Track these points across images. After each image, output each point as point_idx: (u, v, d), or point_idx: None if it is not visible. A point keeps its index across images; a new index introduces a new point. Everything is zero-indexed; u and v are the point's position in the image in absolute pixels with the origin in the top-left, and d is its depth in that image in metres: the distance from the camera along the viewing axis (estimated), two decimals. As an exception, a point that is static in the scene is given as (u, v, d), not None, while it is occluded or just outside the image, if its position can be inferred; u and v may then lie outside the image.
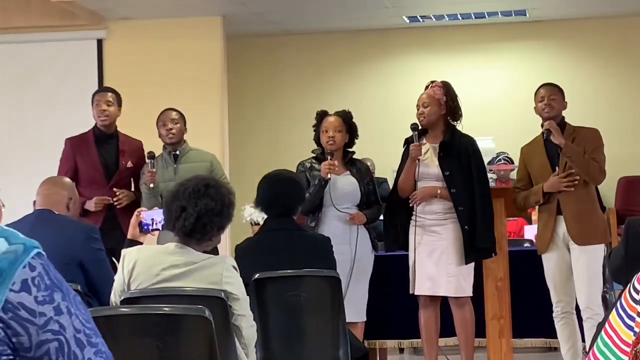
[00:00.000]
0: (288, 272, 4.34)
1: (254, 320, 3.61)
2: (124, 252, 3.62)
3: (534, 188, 5.52)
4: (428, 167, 5.45)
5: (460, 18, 9.65)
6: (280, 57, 10.24)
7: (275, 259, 4.41)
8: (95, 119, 6.10)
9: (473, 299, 5.45)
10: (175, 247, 3.56)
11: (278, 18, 9.37)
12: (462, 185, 5.35)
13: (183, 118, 6.11)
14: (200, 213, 3.50)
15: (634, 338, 1.74)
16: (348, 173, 5.68)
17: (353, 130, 5.72)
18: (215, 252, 4.63)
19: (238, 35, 9.55)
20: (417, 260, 5.42)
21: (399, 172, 5.56)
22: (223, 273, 3.48)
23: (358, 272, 5.48)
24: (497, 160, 8.98)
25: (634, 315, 1.76)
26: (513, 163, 8.62)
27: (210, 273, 3.49)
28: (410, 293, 5.45)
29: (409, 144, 5.50)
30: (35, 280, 1.40)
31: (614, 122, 9.26)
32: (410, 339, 6.18)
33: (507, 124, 9.57)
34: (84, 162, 6.03)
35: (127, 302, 3.46)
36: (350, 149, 5.76)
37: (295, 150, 7.42)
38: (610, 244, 6.18)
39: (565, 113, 5.62)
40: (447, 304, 5.46)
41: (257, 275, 4.22)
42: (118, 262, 3.63)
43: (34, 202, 4.59)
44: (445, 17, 9.60)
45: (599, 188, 5.89)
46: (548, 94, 5.56)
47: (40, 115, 8.62)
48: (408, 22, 9.76)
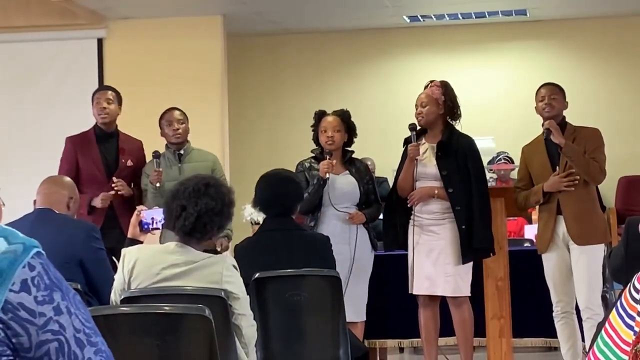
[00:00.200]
0: (288, 271, 4.34)
1: (254, 320, 3.61)
2: (124, 251, 3.62)
3: (535, 188, 5.52)
4: (426, 167, 5.44)
5: (461, 17, 9.64)
6: (281, 56, 10.24)
7: (275, 259, 4.40)
8: (96, 117, 6.10)
9: (473, 299, 5.45)
10: (176, 246, 3.56)
11: (278, 17, 9.36)
12: (459, 185, 5.34)
13: (187, 117, 6.13)
14: (201, 212, 3.50)
15: (634, 337, 1.74)
16: (347, 172, 5.68)
17: (352, 130, 5.71)
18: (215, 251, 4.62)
19: (238, 35, 9.55)
20: (415, 260, 5.41)
21: (399, 171, 5.55)
22: (223, 272, 3.48)
23: (357, 271, 5.47)
24: (497, 160, 8.97)
25: (634, 315, 1.76)
26: (513, 163, 8.61)
27: (211, 272, 3.49)
28: (410, 292, 5.45)
29: (408, 144, 5.50)
30: (35, 280, 1.39)
31: (614, 121, 9.25)
32: (410, 339, 6.18)
33: (507, 124, 9.56)
34: (86, 160, 6.03)
35: (127, 301, 3.46)
36: (350, 149, 5.76)
37: (296, 150, 7.41)
38: (611, 244, 6.18)
39: (565, 113, 5.62)
40: (447, 304, 5.45)
41: (257, 275, 4.21)
42: (118, 261, 3.63)
43: (34, 201, 4.59)
44: (446, 16, 9.59)
45: (600, 188, 5.89)
46: (549, 94, 5.56)
47: (40, 115, 8.61)
48: (408, 21, 9.76)
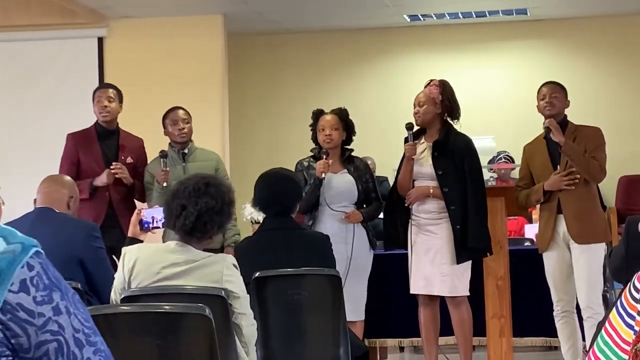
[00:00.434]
0: (288, 270, 4.33)
1: (254, 319, 3.61)
2: (125, 250, 3.62)
3: (535, 187, 5.52)
4: (422, 166, 5.43)
5: (461, 17, 9.63)
6: (281, 55, 10.23)
7: (275, 258, 4.40)
8: (97, 115, 6.10)
9: (473, 298, 5.44)
10: (176, 245, 3.55)
11: (279, 17, 9.36)
12: (455, 185, 5.32)
13: (191, 116, 6.13)
14: (201, 212, 3.50)
15: (634, 337, 1.74)
16: (345, 171, 5.67)
17: (350, 128, 5.70)
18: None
19: (239, 34, 9.55)
20: (414, 259, 5.41)
21: (399, 171, 5.55)
22: (223, 271, 3.48)
23: (355, 270, 5.45)
24: (497, 159, 8.96)
25: (634, 314, 1.76)
26: (514, 162, 8.61)
27: (211, 271, 3.49)
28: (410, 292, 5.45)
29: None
30: (34, 280, 1.38)
31: (615, 120, 9.25)
32: (411, 338, 6.18)
33: (507, 123, 9.56)
34: (87, 157, 6.04)
35: (127, 300, 3.46)
36: (348, 147, 5.75)
37: (296, 149, 7.40)
38: (611, 243, 6.18)
39: (566, 112, 5.61)
40: (446, 303, 5.45)
41: (257, 274, 4.21)
42: (118, 260, 3.63)
43: (35, 200, 4.58)
44: (446, 15, 9.59)
45: (600, 187, 5.88)
46: (550, 92, 5.55)
47: (40, 115, 8.60)
48: (409, 20, 9.76)
